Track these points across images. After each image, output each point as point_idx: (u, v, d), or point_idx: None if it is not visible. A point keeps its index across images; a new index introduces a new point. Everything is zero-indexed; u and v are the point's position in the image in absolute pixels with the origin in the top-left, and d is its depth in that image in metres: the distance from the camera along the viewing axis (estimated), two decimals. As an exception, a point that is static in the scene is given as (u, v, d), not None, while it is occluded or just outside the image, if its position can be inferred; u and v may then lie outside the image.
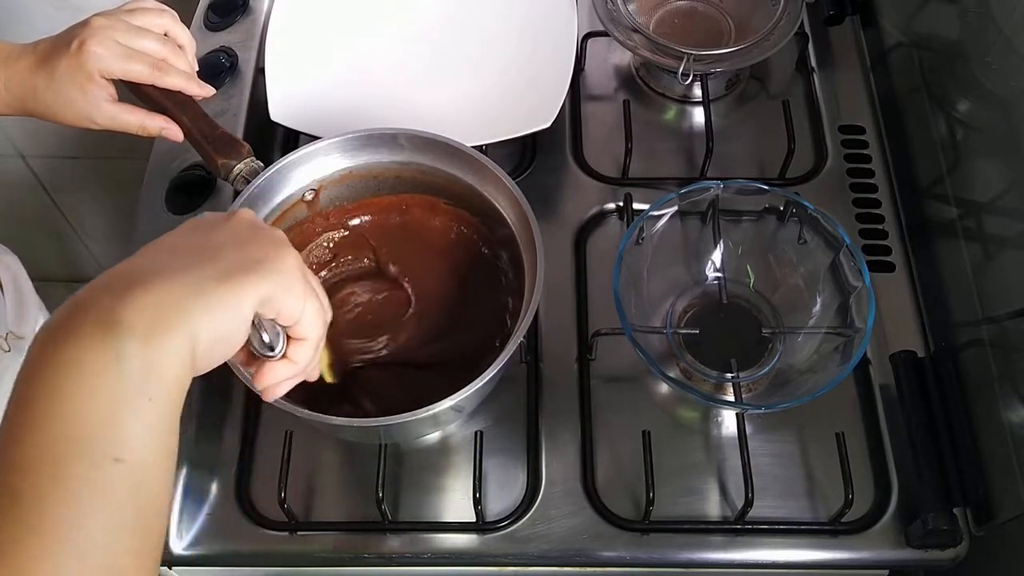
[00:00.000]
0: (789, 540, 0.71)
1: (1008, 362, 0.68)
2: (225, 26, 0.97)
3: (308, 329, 0.50)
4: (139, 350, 0.39)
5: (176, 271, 0.42)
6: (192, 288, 0.42)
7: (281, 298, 0.46)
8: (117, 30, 0.69)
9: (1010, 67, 0.71)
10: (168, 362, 0.40)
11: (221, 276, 0.43)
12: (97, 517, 0.37)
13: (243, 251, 0.46)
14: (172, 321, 0.41)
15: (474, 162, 0.73)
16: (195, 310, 0.42)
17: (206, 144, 0.72)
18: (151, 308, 0.40)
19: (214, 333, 0.43)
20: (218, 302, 0.43)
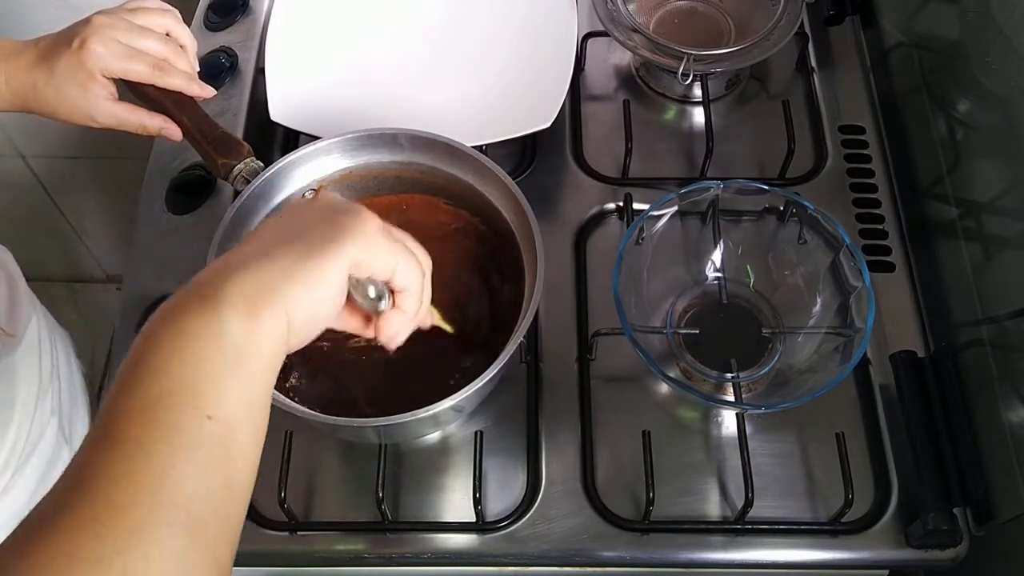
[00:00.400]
0: (789, 540, 0.72)
1: (1008, 362, 0.68)
2: (225, 26, 0.97)
3: (405, 279, 0.53)
4: (240, 323, 0.43)
5: (270, 256, 0.47)
6: (283, 271, 0.46)
7: (369, 259, 0.50)
8: (118, 29, 0.69)
9: (1010, 67, 0.71)
10: (264, 338, 0.44)
11: (307, 255, 0.47)
12: (185, 467, 0.39)
13: (325, 227, 0.49)
14: (269, 300, 0.45)
15: (474, 162, 0.73)
16: (288, 290, 0.45)
17: (206, 144, 0.72)
18: (251, 288, 0.44)
19: (307, 307, 0.46)
20: (307, 279, 0.47)
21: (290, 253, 0.47)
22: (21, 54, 0.69)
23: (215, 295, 0.44)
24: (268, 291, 0.45)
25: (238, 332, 0.43)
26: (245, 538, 0.71)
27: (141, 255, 0.84)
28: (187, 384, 0.41)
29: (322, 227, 0.49)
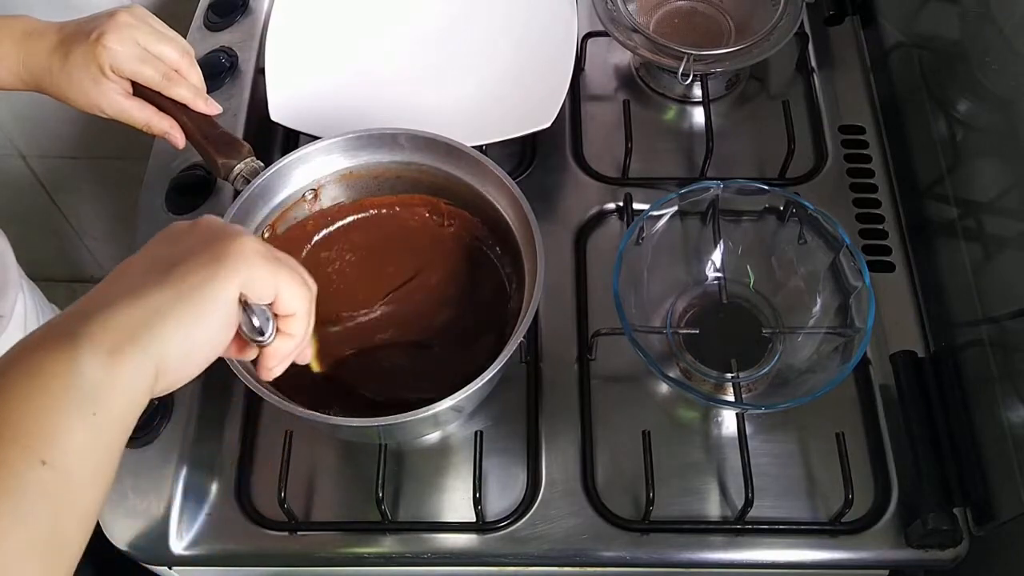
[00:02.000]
0: (789, 540, 0.72)
1: (1008, 362, 0.68)
2: (225, 26, 0.97)
3: (292, 303, 0.50)
4: (99, 365, 0.40)
5: (140, 294, 0.43)
6: (154, 310, 0.43)
7: (250, 284, 0.47)
8: (140, 31, 0.69)
9: (1010, 67, 0.71)
10: (124, 383, 0.41)
11: (181, 291, 0.44)
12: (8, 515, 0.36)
13: (201, 256, 0.46)
14: (135, 342, 0.41)
15: (474, 162, 0.73)
16: (160, 331, 0.42)
17: (206, 144, 0.72)
18: (117, 328, 0.41)
19: (182, 347, 0.44)
20: (182, 317, 0.44)
21: (164, 290, 0.44)
22: (43, 36, 0.69)
23: (73, 333, 0.40)
24: (135, 332, 0.41)
25: (94, 375, 0.40)
26: (245, 538, 0.72)
27: (141, 255, 0.84)
28: (26, 425, 0.38)
29: (197, 257, 0.46)
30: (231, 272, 0.46)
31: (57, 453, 0.38)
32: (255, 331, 0.48)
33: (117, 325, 0.41)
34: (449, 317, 0.76)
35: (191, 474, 0.73)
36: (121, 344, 0.41)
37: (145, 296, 0.43)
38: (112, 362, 0.40)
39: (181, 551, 0.71)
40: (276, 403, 0.64)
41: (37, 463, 0.37)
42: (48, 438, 0.38)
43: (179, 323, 0.43)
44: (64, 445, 0.38)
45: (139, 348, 0.41)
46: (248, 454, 0.75)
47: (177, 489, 0.72)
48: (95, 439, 0.40)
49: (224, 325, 0.46)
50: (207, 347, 0.46)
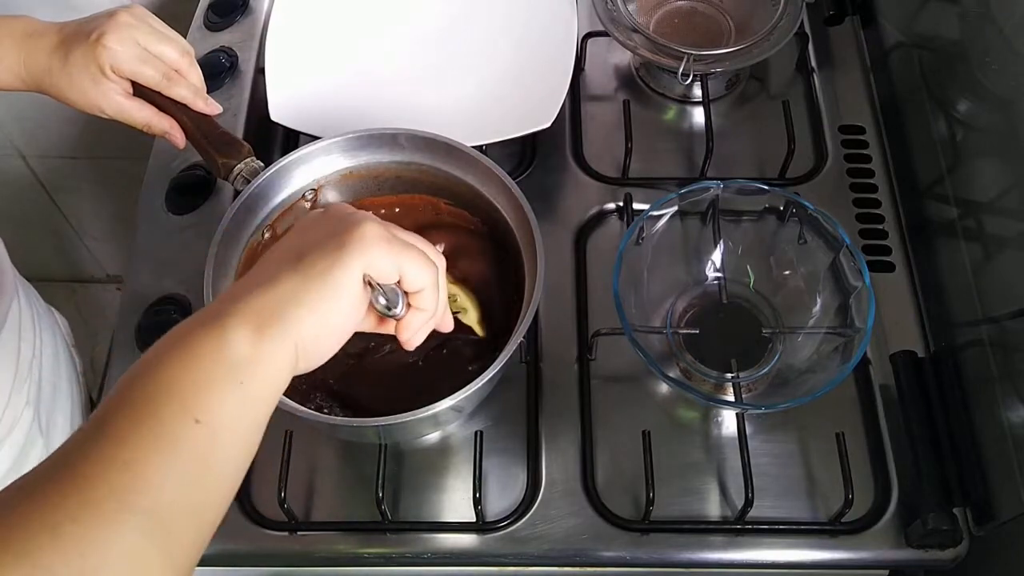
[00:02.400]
0: (789, 540, 0.72)
1: (1008, 362, 0.68)
2: (225, 26, 0.97)
3: (416, 279, 0.52)
4: (246, 341, 0.44)
5: (276, 280, 0.47)
6: (290, 295, 0.47)
7: (372, 266, 0.50)
8: (140, 31, 0.69)
9: (1010, 67, 0.71)
10: (269, 359, 0.45)
11: (310, 277, 0.48)
12: (159, 461, 0.39)
13: (327, 245, 0.50)
14: (276, 324, 0.45)
15: (474, 162, 0.73)
16: (295, 314, 0.46)
17: (206, 144, 0.72)
18: (258, 310, 0.45)
19: (316, 330, 0.47)
20: (313, 302, 0.47)
21: (294, 276, 0.47)
22: (43, 36, 0.69)
23: (223, 313, 0.45)
24: (275, 316, 0.45)
25: (243, 348, 0.44)
26: (245, 538, 0.72)
27: (141, 255, 0.84)
28: (182, 388, 0.42)
29: (323, 245, 0.50)
30: (353, 258, 0.49)
31: (209, 415, 0.41)
32: (385, 308, 0.52)
33: (259, 307, 0.45)
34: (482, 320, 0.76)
35: (191, 474, 0.73)
36: (263, 324, 0.45)
37: (280, 283, 0.47)
38: (256, 339, 0.44)
39: (181, 551, 0.71)
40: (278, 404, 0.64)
41: (191, 421, 0.41)
42: (202, 401, 0.42)
43: (311, 307, 0.47)
44: (215, 408, 0.42)
45: (279, 328, 0.45)
46: (248, 454, 0.75)
47: (177, 489, 0.72)
48: (243, 406, 0.43)
49: (353, 306, 0.49)
50: (339, 327, 0.49)
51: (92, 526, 0.36)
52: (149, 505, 0.38)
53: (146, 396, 0.41)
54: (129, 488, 0.38)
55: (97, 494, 0.37)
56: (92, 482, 0.37)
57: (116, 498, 0.37)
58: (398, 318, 0.53)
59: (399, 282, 0.52)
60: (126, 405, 0.41)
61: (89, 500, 0.37)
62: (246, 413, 0.44)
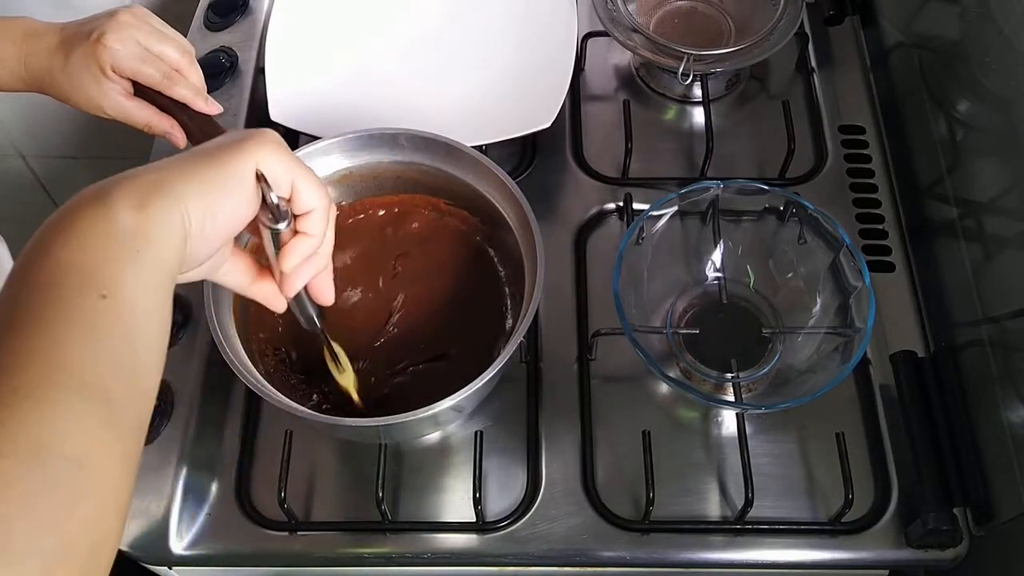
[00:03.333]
0: (789, 540, 0.72)
1: (1008, 362, 0.68)
2: (225, 26, 0.97)
3: (309, 198, 0.51)
4: (130, 213, 0.43)
5: (170, 163, 0.46)
6: (180, 172, 0.46)
7: (266, 163, 0.49)
8: (141, 30, 0.69)
9: (1010, 67, 0.71)
10: (157, 226, 0.43)
11: (208, 158, 0.47)
12: (80, 337, 0.38)
13: (226, 141, 0.49)
14: (161, 193, 0.44)
15: (474, 162, 0.73)
16: (184, 188, 0.45)
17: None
18: (143, 185, 0.44)
19: (203, 208, 0.46)
20: (205, 176, 0.46)
21: (186, 160, 0.47)
22: (44, 36, 0.69)
23: (108, 193, 0.44)
24: (161, 187, 0.45)
25: (128, 219, 0.43)
26: (245, 538, 0.72)
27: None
28: (81, 267, 0.40)
29: (221, 141, 0.49)
30: (248, 150, 0.48)
31: (114, 287, 0.40)
32: (271, 218, 0.50)
33: (143, 183, 0.44)
34: (449, 317, 0.76)
35: (191, 474, 0.73)
36: (148, 196, 0.44)
37: (168, 164, 0.46)
38: (141, 208, 0.43)
39: (181, 551, 0.71)
40: (276, 403, 0.64)
41: (97, 297, 0.40)
42: (100, 275, 0.40)
43: (200, 184, 0.46)
44: (117, 279, 0.41)
45: (164, 199, 0.44)
46: (248, 454, 0.75)
47: (177, 489, 0.72)
48: (143, 274, 0.42)
49: (244, 196, 0.48)
50: (229, 213, 0.48)
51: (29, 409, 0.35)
52: (84, 382, 0.37)
53: (48, 282, 0.40)
54: (58, 368, 0.37)
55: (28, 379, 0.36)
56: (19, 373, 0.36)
57: (48, 380, 0.36)
58: (279, 233, 0.51)
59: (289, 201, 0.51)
60: (29, 294, 0.39)
61: (21, 389, 0.36)
62: (149, 281, 0.43)
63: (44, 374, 0.37)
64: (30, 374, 0.36)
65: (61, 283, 0.40)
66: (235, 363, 0.64)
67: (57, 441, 0.35)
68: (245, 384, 0.64)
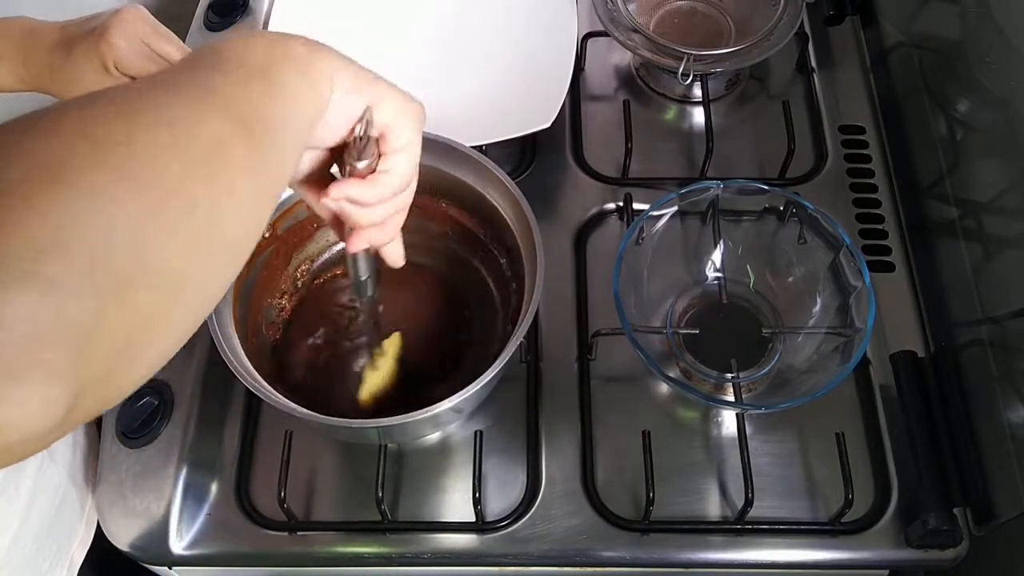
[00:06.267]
0: (789, 540, 0.72)
1: (1008, 362, 0.68)
2: (225, 26, 0.97)
3: (401, 162, 0.50)
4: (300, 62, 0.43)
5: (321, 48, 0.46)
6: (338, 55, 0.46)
7: (399, 117, 0.49)
8: (144, 29, 0.69)
9: (1010, 67, 0.71)
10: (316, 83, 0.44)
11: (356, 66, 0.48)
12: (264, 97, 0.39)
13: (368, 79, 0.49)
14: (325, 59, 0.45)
15: (474, 162, 0.73)
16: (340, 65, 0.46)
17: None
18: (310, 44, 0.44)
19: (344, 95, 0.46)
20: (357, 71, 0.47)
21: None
22: (43, 34, 0.69)
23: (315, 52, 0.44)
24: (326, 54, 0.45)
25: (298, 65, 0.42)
26: (245, 538, 0.72)
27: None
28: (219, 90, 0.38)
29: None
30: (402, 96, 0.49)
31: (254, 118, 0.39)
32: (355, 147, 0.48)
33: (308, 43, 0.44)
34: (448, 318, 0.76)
35: (191, 474, 0.73)
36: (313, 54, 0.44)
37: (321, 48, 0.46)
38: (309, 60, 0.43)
39: (181, 551, 0.71)
40: (276, 403, 0.64)
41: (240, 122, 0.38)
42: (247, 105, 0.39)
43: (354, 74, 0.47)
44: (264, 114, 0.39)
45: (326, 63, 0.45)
46: (248, 454, 0.75)
47: (177, 489, 0.72)
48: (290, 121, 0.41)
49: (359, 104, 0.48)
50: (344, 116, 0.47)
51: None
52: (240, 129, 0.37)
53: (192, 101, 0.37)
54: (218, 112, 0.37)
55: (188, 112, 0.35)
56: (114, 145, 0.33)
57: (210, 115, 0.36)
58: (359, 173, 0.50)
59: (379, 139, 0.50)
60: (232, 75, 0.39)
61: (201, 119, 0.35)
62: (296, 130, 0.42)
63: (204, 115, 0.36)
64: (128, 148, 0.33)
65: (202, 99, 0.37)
66: (235, 363, 0.64)
67: None
68: (245, 384, 0.64)
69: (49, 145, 0.31)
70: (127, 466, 0.73)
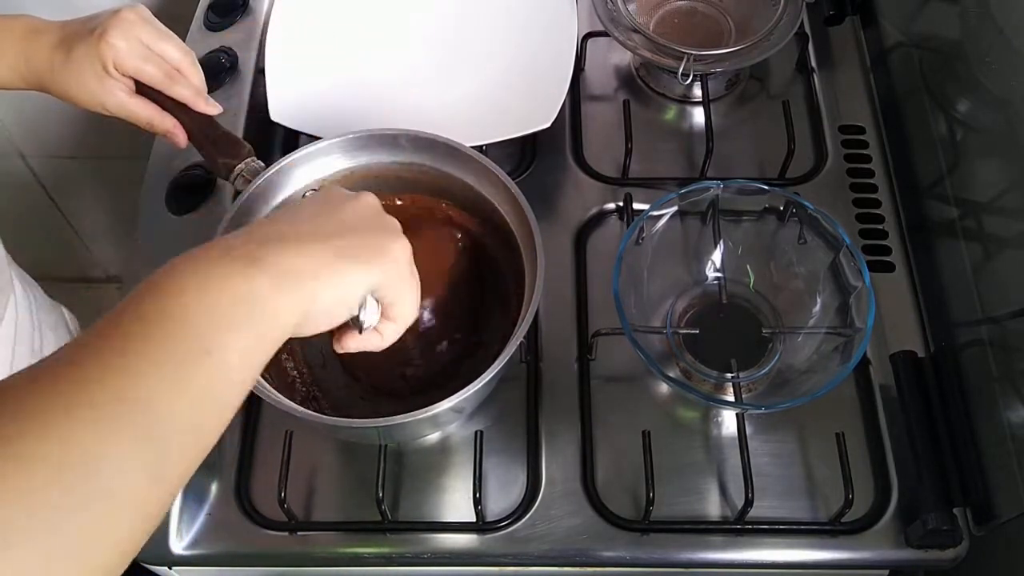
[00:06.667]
0: (789, 540, 0.72)
1: (1008, 362, 0.68)
2: (225, 26, 0.97)
3: (404, 314, 0.54)
4: (268, 286, 0.43)
5: (307, 244, 0.47)
6: (325, 258, 0.47)
7: (389, 286, 0.51)
8: (144, 29, 0.69)
9: (1010, 67, 0.71)
10: (282, 313, 0.44)
11: (349, 256, 0.48)
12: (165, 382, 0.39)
13: (367, 236, 0.50)
14: (298, 282, 0.45)
15: (474, 162, 0.73)
16: (322, 278, 0.46)
17: (207, 144, 0.72)
18: (287, 264, 0.45)
19: (327, 303, 0.47)
20: (341, 278, 0.48)
21: (327, 250, 0.47)
22: (45, 33, 0.69)
23: (255, 256, 0.44)
24: (300, 274, 0.45)
25: (264, 294, 0.43)
26: (245, 538, 0.72)
27: (141, 255, 0.84)
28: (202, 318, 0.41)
29: (363, 236, 0.50)
30: (382, 267, 0.50)
31: (221, 349, 0.41)
32: (359, 323, 0.52)
33: (288, 266, 0.45)
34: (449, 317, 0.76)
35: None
36: (283, 281, 0.44)
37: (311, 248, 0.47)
38: (276, 292, 0.44)
39: (181, 551, 0.71)
40: (276, 403, 0.64)
41: (203, 352, 0.40)
42: (214, 335, 0.41)
43: (329, 285, 0.47)
44: (228, 345, 0.41)
45: (300, 289, 0.45)
46: (248, 454, 0.75)
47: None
48: (253, 347, 0.43)
49: (352, 302, 0.50)
50: (336, 317, 0.49)
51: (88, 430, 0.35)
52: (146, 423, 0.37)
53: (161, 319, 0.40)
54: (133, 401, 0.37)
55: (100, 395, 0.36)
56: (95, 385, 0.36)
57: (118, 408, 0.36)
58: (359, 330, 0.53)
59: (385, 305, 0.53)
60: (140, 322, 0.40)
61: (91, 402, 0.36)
62: (255, 355, 0.43)
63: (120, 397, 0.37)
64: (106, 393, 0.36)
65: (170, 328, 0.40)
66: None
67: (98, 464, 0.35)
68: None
69: None
70: (127, 466, 0.73)
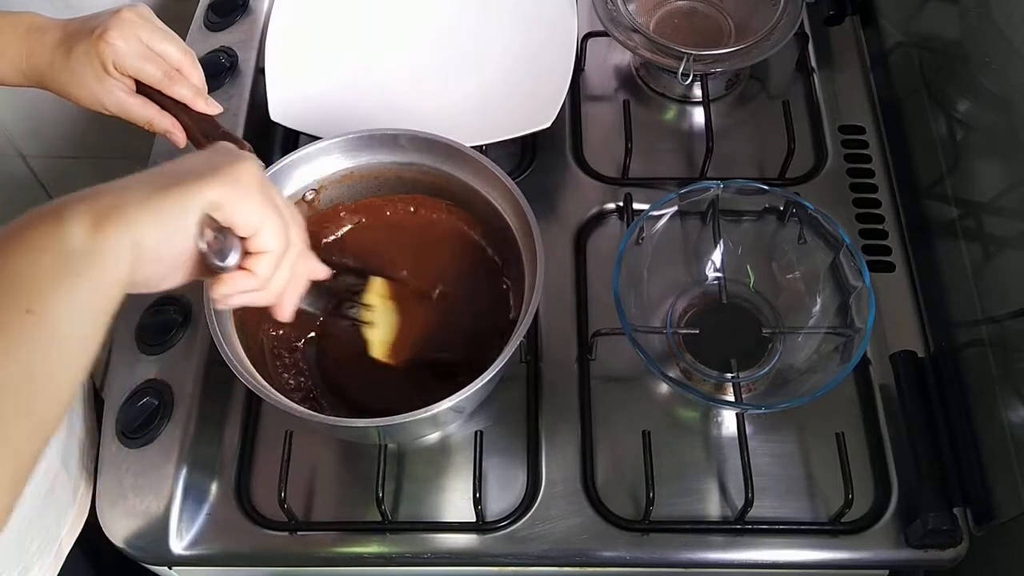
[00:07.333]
0: (789, 540, 0.72)
1: (1008, 362, 0.68)
2: (225, 26, 0.97)
3: (266, 241, 0.51)
4: (82, 235, 0.42)
5: (130, 185, 0.46)
6: (139, 196, 0.45)
7: (233, 206, 0.48)
8: (144, 29, 0.69)
9: (1010, 67, 0.71)
10: (107, 253, 0.43)
11: (168, 184, 0.46)
12: None
13: (198, 165, 0.48)
14: (117, 220, 0.43)
15: (474, 162, 0.73)
16: (138, 216, 0.44)
17: (207, 143, 0.72)
18: (101, 209, 0.43)
19: (157, 238, 0.45)
20: (160, 207, 0.45)
21: (148, 185, 0.46)
22: (46, 31, 0.69)
23: (60, 209, 0.43)
24: (116, 212, 0.44)
25: (79, 242, 0.42)
26: (245, 538, 0.72)
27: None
28: (17, 278, 0.40)
29: (195, 166, 0.48)
30: (216, 182, 0.47)
31: (42, 305, 0.40)
32: (213, 254, 0.48)
33: (101, 206, 0.43)
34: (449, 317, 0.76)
35: (191, 474, 0.73)
36: (102, 220, 0.43)
37: (131, 187, 0.45)
38: (94, 232, 0.42)
39: (181, 551, 0.71)
40: (276, 403, 0.64)
41: (22, 311, 0.39)
42: (34, 292, 0.40)
43: (157, 214, 0.45)
44: (48, 298, 0.40)
45: (117, 225, 0.43)
46: (248, 454, 0.75)
47: (177, 489, 0.72)
48: (77, 297, 0.42)
49: (189, 229, 0.47)
50: (181, 249, 0.47)
51: None
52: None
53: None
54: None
55: None
56: None
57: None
58: (221, 271, 0.50)
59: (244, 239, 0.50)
60: None
61: None
62: (83, 305, 0.42)
63: None
64: None
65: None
66: (235, 363, 0.64)
67: None
68: (245, 384, 0.64)
69: None
70: (127, 466, 0.73)
